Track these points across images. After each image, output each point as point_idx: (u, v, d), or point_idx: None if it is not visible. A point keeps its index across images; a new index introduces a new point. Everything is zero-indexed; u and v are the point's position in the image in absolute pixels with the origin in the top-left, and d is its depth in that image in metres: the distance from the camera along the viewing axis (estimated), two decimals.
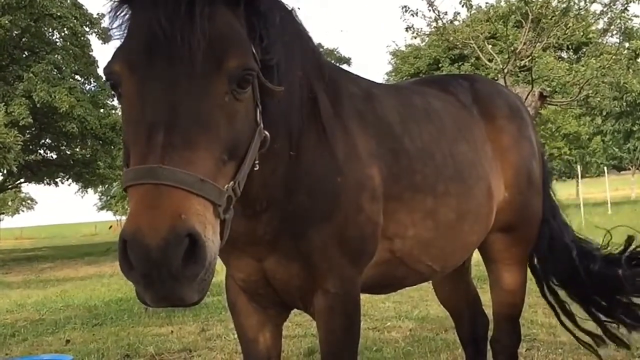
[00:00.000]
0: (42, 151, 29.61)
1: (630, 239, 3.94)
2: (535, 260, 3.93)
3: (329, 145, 2.50)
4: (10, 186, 33.54)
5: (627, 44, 20.46)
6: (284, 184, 2.40)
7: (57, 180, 31.46)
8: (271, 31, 2.12)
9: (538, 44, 17.15)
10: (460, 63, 33.10)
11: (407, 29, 19.28)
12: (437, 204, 2.96)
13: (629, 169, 50.67)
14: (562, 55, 31.09)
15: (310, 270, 2.50)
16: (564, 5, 17.25)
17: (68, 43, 26.24)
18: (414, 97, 3.26)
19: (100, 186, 40.71)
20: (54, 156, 29.99)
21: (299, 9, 2.50)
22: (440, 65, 34.66)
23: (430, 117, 3.17)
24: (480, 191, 3.22)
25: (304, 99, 2.45)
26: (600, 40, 21.77)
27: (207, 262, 1.63)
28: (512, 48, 17.44)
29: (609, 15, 18.71)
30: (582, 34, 20.29)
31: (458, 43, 19.03)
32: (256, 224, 2.44)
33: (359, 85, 2.92)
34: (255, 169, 2.00)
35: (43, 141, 28.54)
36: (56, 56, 25.34)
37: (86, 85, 28.08)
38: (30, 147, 27.33)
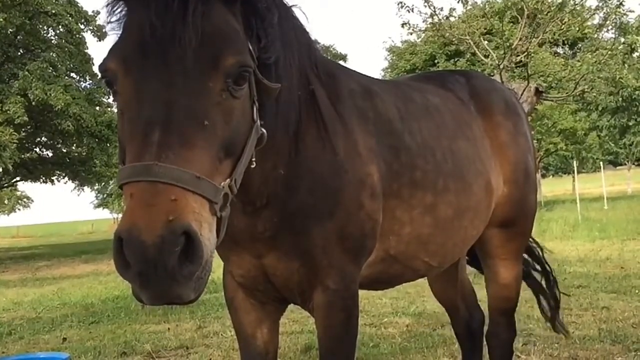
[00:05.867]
0: (37, 149, 29.56)
1: None
2: None
3: (330, 142, 2.51)
4: (6, 184, 33.44)
5: (622, 39, 20.44)
6: (284, 180, 2.40)
7: (53, 178, 31.39)
8: (269, 31, 2.11)
9: (534, 39, 17.16)
10: (456, 59, 33.19)
11: (403, 25, 19.23)
12: (437, 200, 2.97)
13: (625, 164, 50.67)
14: (558, 51, 31.13)
15: (310, 267, 2.51)
16: (560, 1, 17.25)
17: (63, 41, 26.13)
18: (413, 93, 3.26)
19: (97, 184, 40.59)
20: (50, 154, 29.94)
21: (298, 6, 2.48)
22: (436, 61, 34.72)
23: (430, 113, 3.18)
24: (479, 187, 3.23)
25: (302, 96, 2.45)
26: (595, 36, 21.81)
27: (204, 260, 1.62)
28: (508, 44, 17.43)
29: (604, 11, 18.72)
30: (577, 29, 20.24)
31: (454, 39, 19.03)
32: (256, 220, 2.44)
33: (358, 81, 2.92)
34: (252, 166, 1.99)
35: (39, 139, 28.45)
36: (51, 54, 25.27)
37: (82, 83, 27.97)
38: (26, 145, 27.27)
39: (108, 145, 26.49)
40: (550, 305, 4.48)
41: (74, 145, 28.23)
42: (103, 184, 43.63)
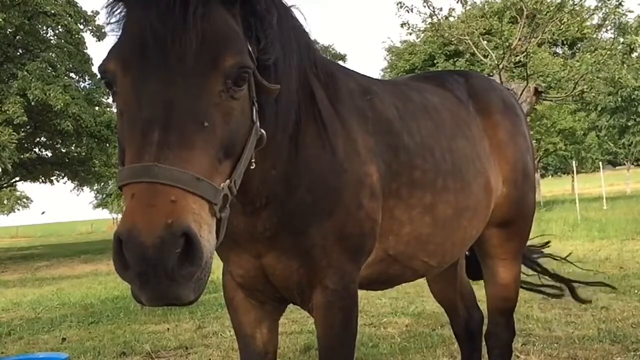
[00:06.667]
0: (37, 149, 29.52)
1: None
2: None
3: (329, 141, 2.51)
4: (5, 185, 33.41)
5: (621, 39, 20.46)
6: (284, 180, 2.41)
7: (53, 178, 31.37)
8: (268, 32, 2.11)
9: (533, 39, 17.21)
10: (455, 59, 33.19)
11: (402, 25, 19.31)
12: (436, 200, 2.97)
13: (624, 164, 50.67)
14: (557, 51, 31.19)
15: (309, 267, 2.51)
16: (559, 1, 17.29)
17: (62, 41, 26.10)
18: (412, 93, 3.26)
19: (96, 184, 40.59)
20: (49, 154, 29.90)
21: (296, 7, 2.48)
22: (435, 61, 34.75)
23: (429, 112, 3.18)
24: (478, 186, 3.23)
25: (302, 96, 2.45)
26: (594, 36, 21.86)
27: (203, 261, 1.62)
28: (507, 44, 17.46)
29: (603, 11, 18.77)
30: (576, 29, 20.30)
31: (453, 39, 19.08)
32: (256, 220, 2.45)
33: (357, 81, 2.93)
34: (252, 167, 1.99)
35: (38, 139, 28.42)
36: (50, 54, 25.20)
37: (81, 83, 27.95)
38: (26, 145, 27.23)
39: (107, 145, 26.46)
40: (561, 288, 4.58)
41: (73, 145, 28.17)
42: (102, 184, 43.63)
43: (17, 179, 31.93)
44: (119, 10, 1.97)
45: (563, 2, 17.30)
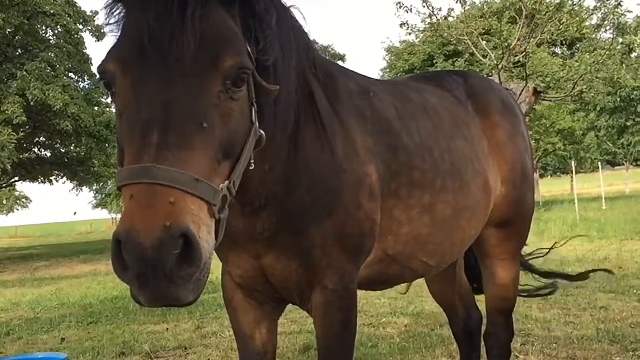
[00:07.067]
0: (36, 149, 29.49)
1: None
2: None
3: (328, 142, 2.51)
4: (4, 185, 33.39)
5: (620, 40, 20.47)
6: (283, 181, 2.41)
7: (52, 178, 31.36)
8: (268, 32, 2.11)
9: (532, 39, 17.19)
10: (454, 59, 33.19)
11: (401, 26, 19.28)
12: (435, 200, 2.97)
13: (623, 165, 50.70)
14: (556, 51, 31.22)
15: (309, 267, 2.51)
16: (558, 1, 17.28)
17: (62, 41, 26.09)
18: (411, 93, 3.27)
19: (95, 184, 40.56)
20: (49, 154, 29.88)
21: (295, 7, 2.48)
22: (434, 61, 34.74)
23: (428, 113, 3.18)
24: (477, 186, 3.24)
25: (301, 96, 2.46)
26: (594, 36, 21.88)
27: (202, 262, 1.62)
28: (507, 44, 17.46)
29: (602, 11, 18.77)
30: (576, 29, 20.28)
31: (452, 39, 19.06)
32: (255, 221, 2.45)
33: (356, 81, 2.93)
34: (251, 168, 1.99)
35: (37, 139, 28.39)
36: (50, 54, 25.19)
37: (80, 83, 27.93)
38: (25, 145, 27.19)
39: (107, 145, 26.44)
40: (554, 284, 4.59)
41: (73, 145, 28.15)
42: (102, 184, 43.63)
43: (17, 179, 31.91)
44: (118, 11, 1.97)
45: (562, 3, 17.29)
